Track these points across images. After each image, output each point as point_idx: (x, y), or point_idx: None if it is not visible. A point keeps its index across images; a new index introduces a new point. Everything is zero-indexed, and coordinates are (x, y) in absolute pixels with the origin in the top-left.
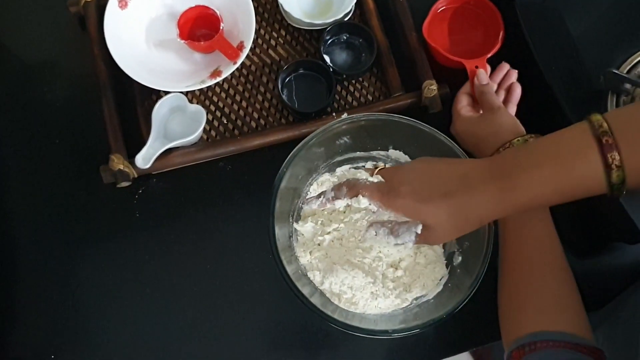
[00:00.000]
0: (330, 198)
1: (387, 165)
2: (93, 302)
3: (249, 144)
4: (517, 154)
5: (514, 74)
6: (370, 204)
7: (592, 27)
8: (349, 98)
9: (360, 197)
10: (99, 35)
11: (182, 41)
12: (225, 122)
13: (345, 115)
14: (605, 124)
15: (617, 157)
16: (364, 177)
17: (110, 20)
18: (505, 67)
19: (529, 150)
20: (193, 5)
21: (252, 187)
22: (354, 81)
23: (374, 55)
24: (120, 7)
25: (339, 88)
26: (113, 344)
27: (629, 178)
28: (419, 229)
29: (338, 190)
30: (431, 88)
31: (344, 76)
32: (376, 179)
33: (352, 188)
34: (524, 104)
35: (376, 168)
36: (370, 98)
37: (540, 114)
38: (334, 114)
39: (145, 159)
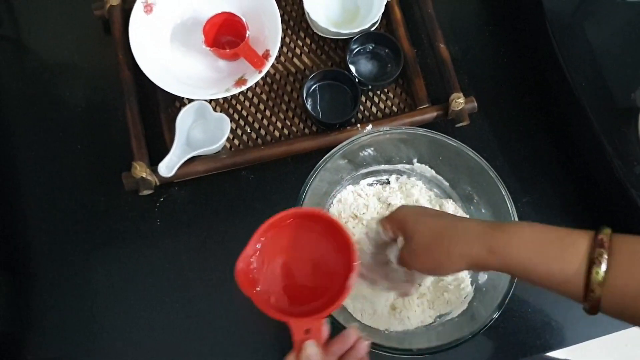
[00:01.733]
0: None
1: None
2: (112, 310)
3: (272, 153)
4: (505, 235)
5: (363, 348)
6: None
7: (618, 43)
8: (374, 109)
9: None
10: (123, 40)
11: (208, 48)
12: (248, 130)
13: (370, 127)
14: (607, 240)
15: (602, 274)
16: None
17: (135, 25)
18: (351, 335)
19: (517, 239)
20: (219, 12)
21: (275, 197)
22: (379, 92)
23: (400, 66)
24: (146, 12)
25: (363, 99)
26: (132, 352)
27: (604, 300)
28: (400, 243)
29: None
30: (458, 101)
31: (369, 87)
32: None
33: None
34: (554, 120)
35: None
36: (395, 110)
37: (570, 131)
38: (358, 125)
39: (168, 167)
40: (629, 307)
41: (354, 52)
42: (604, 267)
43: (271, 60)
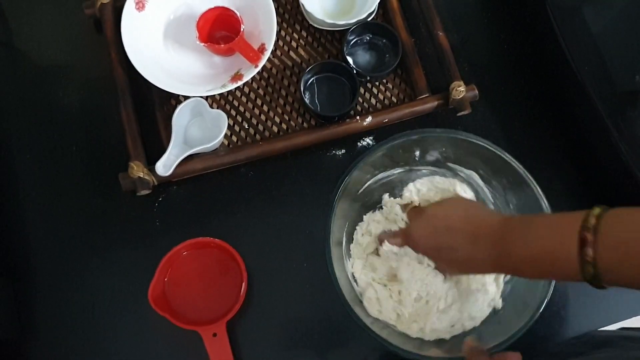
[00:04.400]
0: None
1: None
2: (112, 312)
3: (271, 148)
4: (519, 229)
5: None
6: None
7: (620, 25)
8: (373, 100)
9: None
10: (115, 38)
11: (202, 44)
12: (246, 126)
13: (369, 119)
14: (593, 220)
15: (591, 254)
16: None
17: (127, 22)
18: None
19: (526, 231)
20: (212, 7)
21: (275, 193)
22: (377, 83)
23: (399, 56)
24: (137, 9)
25: (362, 90)
26: (134, 356)
27: (604, 276)
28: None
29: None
30: (459, 90)
31: (368, 78)
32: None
33: (382, 239)
34: (557, 105)
35: (408, 205)
36: (395, 100)
37: (574, 116)
38: (357, 117)
39: (166, 166)
40: (626, 281)
41: (351, 43)
42: (590, 248)
43: (267, 54)
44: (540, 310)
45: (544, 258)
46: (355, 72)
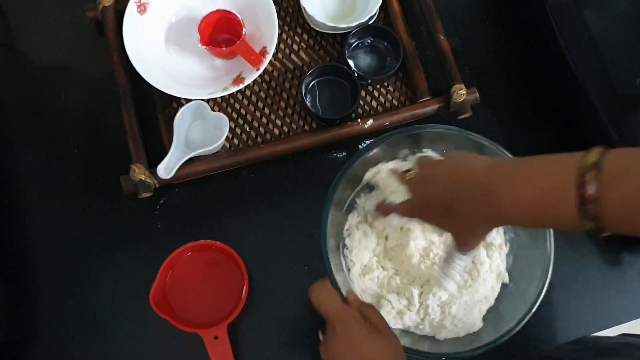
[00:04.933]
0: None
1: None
2: (114, 314)
3: (272, 151)
4: (507, 177)
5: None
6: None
7: (621, 28)
8: (374, 103)
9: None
10: (117, 41)
11: (204, 47)
12: (247, 129)
13: (370, 122)
14: (592, 159)
15: (593, 192)
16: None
17: (129, 25)
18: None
19: (516, 179)
20: (214, 10)
21: (276, 196)
22: (378, 86)
23: (400, 59)
24: (139, 11)
25: (363, 93)
26: (133, 356)
27: (607, 219)
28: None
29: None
30: (460, 93)
31: (369, 81)
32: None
33: (384, 210)
34: (558, 108)
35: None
36: (396, 103)
37: (575, 119)
38: (358, 120)
39: (167, 169)
40: (628, 222)
41: (352, 46)
42: (592, 185)
43: (268, 57)
44: (550, 269)
45: (537, 210)
46: (356, 75)
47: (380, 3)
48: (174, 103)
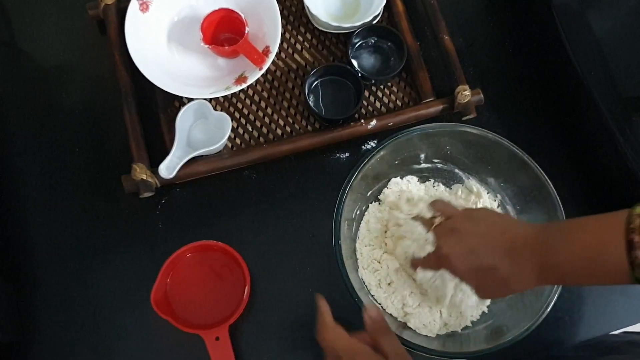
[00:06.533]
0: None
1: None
2: (114, 315)
3: (274, 151)
4: (559, 234)
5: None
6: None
7: (626, 31)
8: (378, 104)
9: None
10: (119, 40)
11: (206, 46)
12: (250, 129)
13: (374, 122)
14: (638, 220)
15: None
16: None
17: (131, 24)
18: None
19: (567, 236)
20: (216, 8)
21: (279, 196)
22: (382, 86)
23: (404, 59)
24: (142, 10)
25: (366, 94)
26: (134, 357)
27: None
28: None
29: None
30: (464, 94)
31: (372, 81)
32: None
33: (415, 265)
34: (563, 110)
35: (430, 221)
36: (400, 104)
37: (580, 121)
38: (362, 120)
39: (169, 168)
40: None
41: (356, 46)
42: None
43: (271, 56)
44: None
45: (590, 262)
46: (360, 75)
47: (384, 3)
48: (176, 102)
